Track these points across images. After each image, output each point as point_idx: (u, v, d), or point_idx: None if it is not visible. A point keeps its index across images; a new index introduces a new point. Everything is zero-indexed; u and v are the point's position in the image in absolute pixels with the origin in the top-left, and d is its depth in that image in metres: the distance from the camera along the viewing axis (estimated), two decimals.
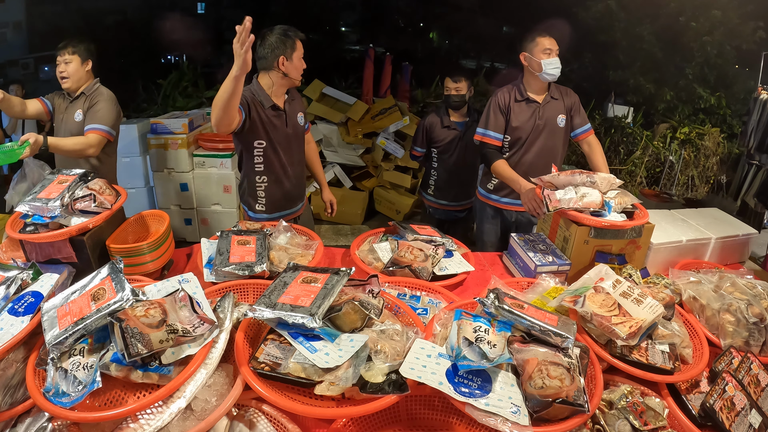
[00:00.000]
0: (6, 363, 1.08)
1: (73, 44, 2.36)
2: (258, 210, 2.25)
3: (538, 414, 1.00)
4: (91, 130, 2.30)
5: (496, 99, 2.34)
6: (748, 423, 1.15)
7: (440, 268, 1.71)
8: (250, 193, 2.23)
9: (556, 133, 2.34)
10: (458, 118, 2.81)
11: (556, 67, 2.18)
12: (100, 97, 2.38)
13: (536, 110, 2.31)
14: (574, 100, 2.37)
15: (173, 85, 5.50)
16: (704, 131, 5.25)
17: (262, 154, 2.12)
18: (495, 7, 7.46)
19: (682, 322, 1.40)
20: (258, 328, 1.22)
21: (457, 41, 8.74)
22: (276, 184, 2.20)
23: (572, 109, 2.36)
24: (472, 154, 2.84)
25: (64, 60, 2.34)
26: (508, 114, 2.31)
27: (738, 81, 5.55)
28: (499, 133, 2.33)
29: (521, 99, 2.31)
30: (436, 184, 2.93)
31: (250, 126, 2.02)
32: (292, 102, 2.19)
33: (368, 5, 8.60)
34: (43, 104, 2.46)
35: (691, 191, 5.18)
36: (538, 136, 2.32)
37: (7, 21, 5.81)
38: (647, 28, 5.37)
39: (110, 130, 2.36)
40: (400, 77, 5.17)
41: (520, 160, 2.35)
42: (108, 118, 2.35)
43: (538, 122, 2.30)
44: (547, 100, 2.32)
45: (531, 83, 2.32)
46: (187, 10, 6.68)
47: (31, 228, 1.46)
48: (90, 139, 2.27)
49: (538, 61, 2.18)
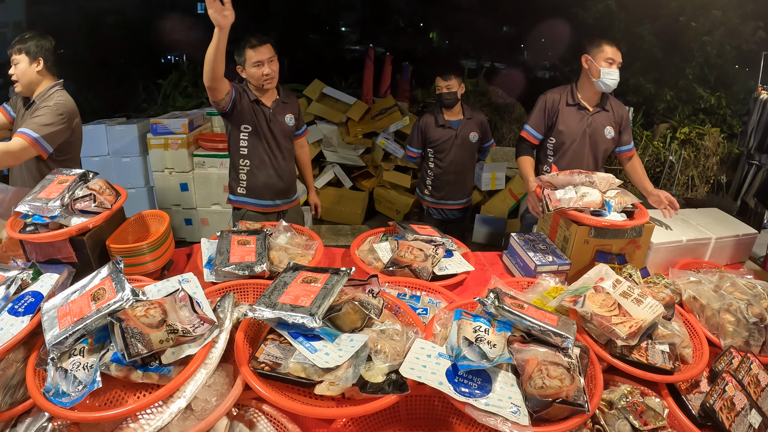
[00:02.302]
0: (6, 363, 1.08)
1: (22, 41, 2.00)
2: (239, 193, 2.36)
3: (538, 414, 1.00)
4: (18, 133, 1.88)
5: (545, 98, 2.32)
6: (748, 423, 1.15)
7: (440, 268, 1.71)
8: (233, 176, 2.36)
9: (601, 143, 2.29)
10: (452, 116, 2.81)
11: (614, 78, 2.14)
12: (46, 103, 1.99)
13: (585, 117, 2.27)
14: (624, 113, 2.32)
15: (173, 85, 5.50)
16: (704, 131, 5.25)
17: (247, 139, 2.26)
18: (495, 7, 7.47)
19: (682, 322, 1.40)
20: (258, 328, 1.22)
21: (457, 41, 8.75)
22: (257, 170, 2.31)
23: (621, 124, 2.31)
24: (468, 153, 2.85)
25: (12, 60, 2.01)
26: (555, 116, 2.29)
27: (738, 81, 5.55)
28: (538, 132, 2.33)
29: (572, 103, 2.28)
30: (432, 184, 2.93)
31: (238, 111, 2.18)
32: (282, 104, 2.31)
33: (368, 5, 8.60)
34: (4, 112, 2.16)
35: (691, 191, 5.18)
36: (584, 143, 2.28)
37: (7, 21, 5.80)
38: (647, 28, 5.37)
39: (39, 138, 1.88)
40: (400, 77, 5.17)
41: (562, 164, 2.31)
42: (40, 124, 1.90)
43: (586, 129, 2.27)
44: (598, 109, 2.27)
45: (585, 88, 2.27)
46: (187, 10, 6.66)
47: (31, 228, 1.46)
48: (9, 144, 1.84)
49: (598, 67, 2.14)
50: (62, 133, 1.99)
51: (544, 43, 7.53)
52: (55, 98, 2.02)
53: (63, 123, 1.98)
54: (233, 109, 2.16)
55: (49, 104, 1.98)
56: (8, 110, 2.18)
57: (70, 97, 2.10)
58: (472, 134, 2.82)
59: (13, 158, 1.87)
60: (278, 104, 2.29)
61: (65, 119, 1.99)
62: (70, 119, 2.03)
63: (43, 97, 2.03)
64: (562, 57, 6.77)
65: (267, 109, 2.24)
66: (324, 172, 4.67)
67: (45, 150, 1.92)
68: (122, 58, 6.47)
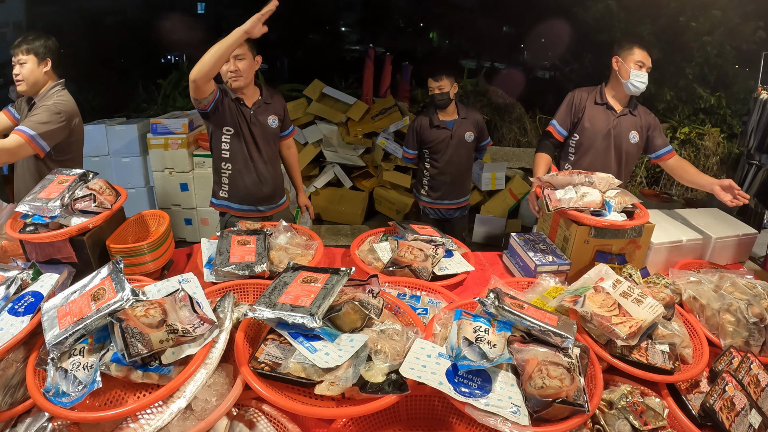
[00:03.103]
0: (6, 363, 1.08)
1: (29, 41, 2.00)
2: (221, 197, 2.30)
3: (538, 414, 1.00)
4: (15, 131, 1.88)
5: (572, 95, 2.33)
6: (748, 423, 1.15)
7: (440, 268, 1.71)
8: (215, 179, 2.30)
9: (625, 146, 2.28)
10: (447, 117, 2.81)
11: (642, 81, 2.14)
12: (45, 102, 1.99)
13: (612, 117, 2.26)
14: (652, 120, 2.30)
15: (173, 85, 5.50)
16: (704, 131, 5.25)
17: (229, 142, 2.18)
18: (495, 7, 7.46)
19: (682, 322, 1.40)
20: (258, 328, 1.22)
21: (457, 41, 8.74)
22: (239, 174, 2.24)
23: (650, 129, 2.28)
24: (464, 152, 2.84)
25: (18, 60, 2.00)
26: (581, 113, 2.29)
27: (738, 81, 5.55)
28: (563, 128, 2.34)
29: (600, 103, 2.27)
30: (429, 184, 2.93)
31: (220, 113, 2.10)
32: (265, 104, 2.23)
33: (368, 5, 8.60)
34: (8, 115, 2.17)
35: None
36: (609, 143, 2.27)
37: (7, 21, 5.80)
38: (647, 28, 5.36)
39: (36, 135, 1.87)
40: (400, 77, 5.17)
41: (584, 163, 2.30)
42: (37, 122, 1.90)
43: (612, 130, 2.25)
44: (625, 112, 2.26)
45: (614, 90, 2.27)
46: (187, 10, 6.68)
47: (31, 228, 1.46)
48: (6, 141, 1.83)
49: (628, 69, 2.14)
50: (60, 132, 1.98)
51: (544, 43, 7.53)
52: (54, 98, 2.02)
53: (61, 122, 1.97)
54: (215, 110, 2.08)
55: (48, 103, 1.98)
56: (13, 113, 2.18)
57: (71, 97, 2.10)
58: (468, 134, 2.82)
59: (9, 155, 1.86)
60: (260, 105, 2.20)
61: (63, 118, 1.98)
62: (68, 118, 2.02)
63: (44, 96, 2.04)
64: (562, 57, 6.77)
65: (248, 110, 2.16)
66: (324, 172, 4.67)
67: (42, 148, 1.91)
68: (122, 58, 6.47)
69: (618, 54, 2.20)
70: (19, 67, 2.00)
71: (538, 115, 5.79)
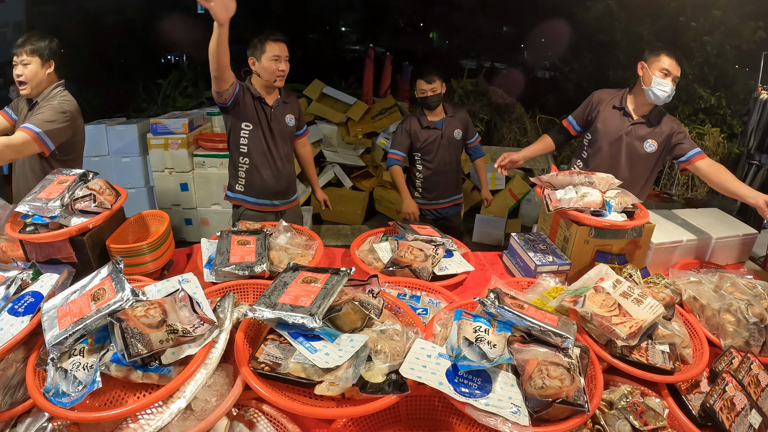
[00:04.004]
0: (6, 363, 1.08)
1: (33, 42, 1.97)
2: (237, 190, 2.38)
3: (538, 414, 1.00)
4: (20, 128, 1.86)
5: (594, 94, 2.32)
6: (748, 423, 1.15)
7: (440, 268, 1.71)
8: (232, 173, 2.38)
9: (638, 154, 2.18)
10: (435, 117, 2.82)
11: (664, 90, 2.04)
12: (49, 102, 1.99)
13: (626, 123, 2.18)
14: (676, 126, 2.16)
15: (173, 85, 5.50)
16: (704, 131, 5.24)
17: (248, 137, 2.27)
18: (495, 7, 7.46)
19: (682, 322, 1.40)
20: (258, 328, 1.22)
21: (457, 41, 8.74)
22: (256, 169, 2.32)
23: (673, 135, 2.14)
24: (454, 151, 2.86)
25: (22, 61, 1.97)
26: (595, 113, 2.26)
27: (738, 81, 5.54)
28: (576, 123, 2.36)
29: (618, 107, 2.20)
30: (423, 185, 2.93)
31: (240, 107, 2.19)
32: (283, 104, 2.33)
33: (368, 5, 8.59)
34: (5, 116, 2.15)
35: (691, 191, 5.17)
36: (620, 148, 2.19)
37: (7, 21, 5.79)
38: (647, 28, 5.36)
39: (41, 133, 1.87)
40: (400, 77, 5.17)
41: (594, 163, 2.26)
42: (43, 120, 1.90)
43: (624, 136, 2.18)
44: (643, 120, 2.16)
45: (636, 96, 2.18)
46: (187, 10, 6.66)
47: (31, 228, 1.46)
48: (11, 138, 1.81)
49: (651, 75, 2.05)
50: (65, 131, 1.98)
51: (544, 43, 7.53)
52: (58, 98, 2.02)
53: (66, 121, 1.97)
54: (235, 104, 2.17)
55: (53, 103, 1.98)
56: (9, 113, 2.17)
57: (73, 97, 2.10)
58: (457, 131, 2.84)
59: (15, 152, 1.83)
60: (280, 104, 2.31)
61: (68, 117, 1.98)
62: (72, 118, 2.02)
63: (47, 96, 2.03)
64: (562, 57, 6.76)
65: (269, 108, 2.26)
66: (324, 172, 4.67)
67: (47, 146, 1.91)
68: (122, 58, 6.46)
69: (645, 59, 2.11)
70: (22, 67, 1.99)
71: (538, 115, 5.78)
